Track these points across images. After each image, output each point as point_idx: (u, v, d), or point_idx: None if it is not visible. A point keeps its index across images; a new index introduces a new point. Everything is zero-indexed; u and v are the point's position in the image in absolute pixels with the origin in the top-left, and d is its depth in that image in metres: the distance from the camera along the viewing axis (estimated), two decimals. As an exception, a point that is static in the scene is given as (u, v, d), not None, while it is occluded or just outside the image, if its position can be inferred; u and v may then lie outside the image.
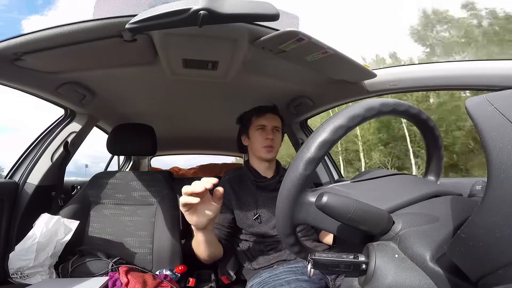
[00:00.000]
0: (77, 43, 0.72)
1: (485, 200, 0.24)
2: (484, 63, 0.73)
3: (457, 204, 0.38)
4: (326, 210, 0.34)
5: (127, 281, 0.82)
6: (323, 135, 0.38)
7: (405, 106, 0.43)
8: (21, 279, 0.83)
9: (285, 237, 0.43)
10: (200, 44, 0.77)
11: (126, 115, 1.45)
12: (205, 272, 1.10)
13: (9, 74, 0.82)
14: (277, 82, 1.07)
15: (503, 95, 0.27)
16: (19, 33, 0.70)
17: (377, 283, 0.31)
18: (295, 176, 0.39)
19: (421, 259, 0.31)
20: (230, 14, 0.56)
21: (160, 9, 0.56)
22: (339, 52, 0.76)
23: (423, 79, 0.86)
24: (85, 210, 1.06)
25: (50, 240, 0.85)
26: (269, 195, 0.97)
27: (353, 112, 0.38)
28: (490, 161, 0.23)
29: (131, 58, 0.86)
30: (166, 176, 1.18)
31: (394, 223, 0.35)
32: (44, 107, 75.87)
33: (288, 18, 0.73)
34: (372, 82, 0.95)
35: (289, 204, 0.39)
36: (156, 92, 1.19)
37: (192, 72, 0.94)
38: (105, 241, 1.03)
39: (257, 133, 1.01)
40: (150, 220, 1.07)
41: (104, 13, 0.67)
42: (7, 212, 0.97)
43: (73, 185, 1.37)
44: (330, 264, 0.34)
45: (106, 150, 1.16)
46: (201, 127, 1.76)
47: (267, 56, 0.81)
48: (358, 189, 0.43)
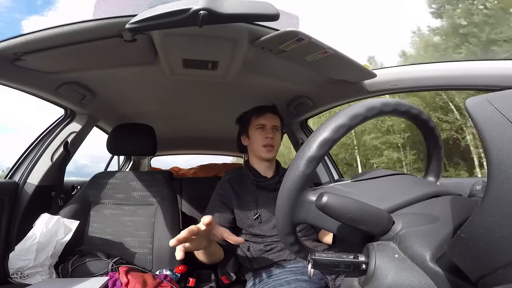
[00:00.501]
0: (77, 43, 0.72)
1: (485, 200, 0.24)
2: (484, 63, 0.73)
3: (457, 204, 0.38)
4: (326, 210, 0.34)
5: (127, 281, 0.82)
6: (324, 134, 0.38)
7: (406, 106, 0.43)
8: (21, 279, 0.83)
9: (284, 236, 0.43)
10: (200, 44, 0.77)
11: (126, 115, 1.45)
12: (205, 272, 1.10)
13: (9, 74, 0.82)
14: (277, 82, 1.07)
15: (503, 95, 0.27)
16: (19, 33, 0.70)
17: (377, 283, 0.31)
18: (295, 175, 0.39)
19: (421, 259, 0.31)
20: (230, 14, 0.56)
21: (160, 9, 0.56)
22: (339, 52, 0.76)
23: (423, 79, 0.85)
24: (85, 210, 1.06)
25: (50, 240, 0.85)
26: (270, 195, 0.97)
27: (354, 111, 0.39)
28: (490, 161, 0.23)
29: (131, 58, 0.86)
30: (166, 176, 1.18)
31: (394, 223, 0.35)
32: (44, 107, 75.83)
33: (288, 18, 0.73)
34: (372, 82, 0.95)
35: (289, 203, 0.39)
36: (156, 92, 1.19)
37: (192, 72, 0.94)
38: (105, 241, 1.03)
39: (257, 132, 1.01)
40: (150, 220, 1.07)
41: (104, 13, 0.67)
42: (7, 212, 0.97)
43: (73, 185, 1.37)
44: (330, 264, 0.34)
45: (105, 150, 1.16)
46: (201, 127, 1.76)
47: (267, 56, 0.81)
48: (358, 189, 0.43)
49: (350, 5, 62.20)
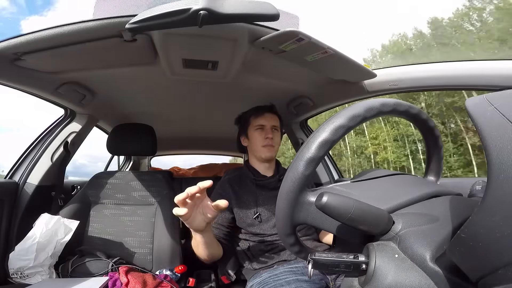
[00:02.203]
0: (77, 43, 0.72)
1: (485, 200, 0.24)
2: (484, 63, 0.73)
3: (457, 204, 0.38)
4: (326, 210, 0.34)
5: (127, 281, 0.82)
6: (324, 135, 0.38)
7: (405, 106, 0.43)
8: (21, 279, 0.83)
9: (285, 237, 0.43)
10: (200, 44, 0.77)
11: (126, 115, 1.45)
12: (205, 272, 1.10)
13: (9, 74, 0.82)
14: (277, 82, 1.07)
15: (503, 95, 0.27)
16: (18, 33, 0.70)
17: (377, 283, 0.31)
18: (295, 176, 0.38)
19: (421, 259, 0.31)
20: (230, 14, 0.56)
21: (160, 9, 0.56)
22: (339, 52, 0.76)
23: (423, 79, 0.86)
24: (85, 210, 1.06)
25: (50, 240, 0.85)
26: (269, 194, 0.97)
27: (353, 112, 0.38)
28: (490, 161, 0.23)
29: (131, 58, 0.86)
30: (166, 176, 1.18)
31: (394, 223, 0.35)
32: (44, 107, 75.94)
33: (288, 18, 0.73)
34: (372, 82, 0.95)
35: (289, 204, 0.39)
36: (156, 92, 1.19)
37: (192, 72, 0.94)
38: (105, 241, 1.03)
39: (256, 133, 1.01)
40: (150, 220, 1.07)
41: (104, 13, 0.67)
42: (7, 212, 0.97)
43: (73, 185, 1.37)
44: (330, 264, 0.34)
45: (104, 149, 1.16)
46: (201, 127, 1.76)
47: (267, 56, 0.81)
48: (358, 189, 0.43)
49: (350, 5, 62.24)
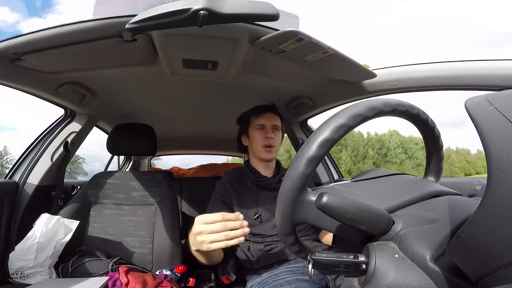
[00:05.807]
0: (77, 43, 0.72)
1: (485, 200, 0.24)
2: (484, 63, 0.73)
3: (457, 204, 0.38)
4: (326, 210, 0.34)
5: (127, 281, 0.82)
6: (324, 134, 0.38)
7: (406, 106, 0.43)
8: (21, 279, 0.83)
9: (284, 237, 0.43)
10: (200, 44, 0.77)
11: (126, 115, 1.45)
12: (205, 272, 1.10)
13: (9, 74, 0.82)
14: (277, 82, 1.07)
15: (503, 95, 0.27)
16: (18, 34, 0.70)
17: (377, 283, 0.31)
18: (295, 175, 0.38)
19: (421, 259, 0.31)
20: (230, 14, 0.56)
21: (160, 9, 0.55)
22: (339, 52, 0.76)
23: (423, 79, 0.85)
24: (85, 210, 1.06)
25: (50, 240, 0.85)
26: (270, 195, 0.97)
27: (354, 111, 0.38)
28: (490, 161, 0.23)
29: (131, 58, 0.86)
30: (166, 176, 1.18)
31: (394, 223, 0.35)
32: (44, 107, 75.87)
33: (288, 18, 0.73)
34: (372, 82, 0.95)
35: (289, 203, 0.39)
36: (156, 92, 1.19)
37: (192, 72, 0.94)
38: (105, 241, 1.03)
39: (257, 132, 1.01)
40: (150, 220, 1.07)
41: (104, 13, 0.67)
42: (7, 212, 0.97)
43: (73, 185, 1.37)
44: (330, 264, 0.34)
45: (102, 149, 1.16)
46: (201, 127, 1.76)
47: (267, 56, 0.81)
48: (359, 188, 0.43)
49: (350, 5, 62.27)
